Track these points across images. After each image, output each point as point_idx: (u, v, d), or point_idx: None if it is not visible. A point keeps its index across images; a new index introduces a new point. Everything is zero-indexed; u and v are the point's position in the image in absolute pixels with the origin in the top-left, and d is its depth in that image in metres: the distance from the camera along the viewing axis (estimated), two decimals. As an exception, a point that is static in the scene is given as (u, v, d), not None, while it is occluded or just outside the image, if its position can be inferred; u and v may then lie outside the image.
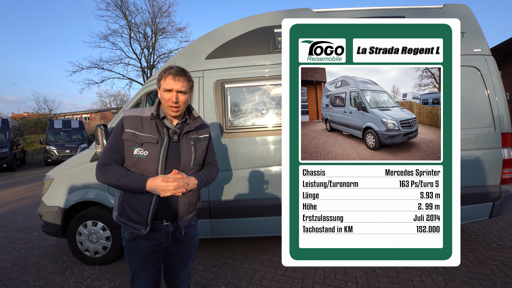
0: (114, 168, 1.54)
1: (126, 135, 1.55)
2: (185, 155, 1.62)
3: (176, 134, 1.61)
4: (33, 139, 21.95)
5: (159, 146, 1.56)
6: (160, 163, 1.55)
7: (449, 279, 2.80)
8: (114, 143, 1.57)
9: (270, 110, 3.24)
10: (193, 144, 1.67)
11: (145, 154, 1.53)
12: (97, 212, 3.30)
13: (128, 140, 1.54)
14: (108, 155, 1.57)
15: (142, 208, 1.55)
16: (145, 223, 1.56)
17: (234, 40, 3.26)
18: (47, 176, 3.50)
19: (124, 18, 23.17)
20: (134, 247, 1.61)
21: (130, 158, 1.56)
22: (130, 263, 1.65)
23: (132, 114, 1.60)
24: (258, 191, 3.16)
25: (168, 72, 1.55)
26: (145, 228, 1.56)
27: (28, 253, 3.86)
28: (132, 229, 1.57)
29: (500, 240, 3.67)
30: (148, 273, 1.63)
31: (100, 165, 1.56)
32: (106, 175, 1.53)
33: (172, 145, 1.60)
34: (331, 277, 2.95)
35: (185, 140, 1.64)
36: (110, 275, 3.15)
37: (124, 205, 1.59)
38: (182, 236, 1.71)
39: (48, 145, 14.21)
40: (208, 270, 3.19)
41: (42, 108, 32.08)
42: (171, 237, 1.67)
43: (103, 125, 3.02)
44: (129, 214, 1.57)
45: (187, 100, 1.62)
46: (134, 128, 1.56)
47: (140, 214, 1.55)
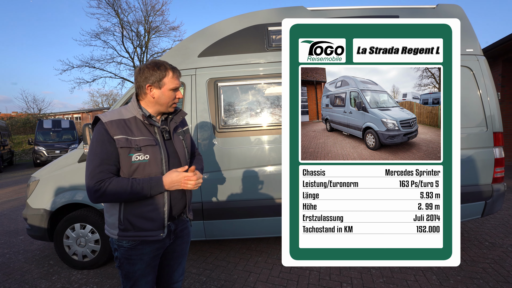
0: (118, 180, 1.38)
1: (120, 143, 1.40)
2: (181, 151, 1.60)
3: (167, 132, 1.58)
4: (21, 140, 21.33)
5: (158, 147, 1.49)
6: (164, 164, 1.49)
7: (443, 278, 2.82)
8: (106, 155, 1.39)
9: (264, 109, 3.19)
10: (183, 139, 1.66)
11: (146, 158, 1.44)
12: (85, 214, 3.20)
13: (124, 147, 1.40)
14: (102, 169, 1.37)
15: (156, 213, 1.48)
16: (161, 227, 1.51)
17: (228, 37, 3.21)
18: (32, 178, 3.37)
19: (116, 16, 22.65)
20: (137, 254, 1.50)
21: (128, 166, 1.42)
22: (130, 273, 1.51)
23: (112, 118, 1.44)
24: (253, 191, 3.12)
25: (172, 71, 1.50)
26: (163, 231, 1.51)
27: (12, 257, 3.72)
28: (147, 238, 1.48)
29: (491, 238, 3.73)
30: (149, 279, 1.56)
31: (96, 184, 1.36)
32: (110, 191, 1.36)
33: (167, 144, 1.57)
34: (326, 278, 2.93)
35: (176, 136, 1.62)
36: (99, 279, 3.05)
37: (130, 218, 1.46)
38: (180, 232, 1.68)
39: (37, 146, 13.83)
40: (201, 273, 3.13)
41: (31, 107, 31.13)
42: (172, 236, 1.63)
43: (91, 124, 2.92)
44: (139, 225, 1.46)
45: None
46: (123, 133, 1.41)
47: (155, 220, 1.48)
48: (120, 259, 1.52)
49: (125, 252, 1.50)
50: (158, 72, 1.46)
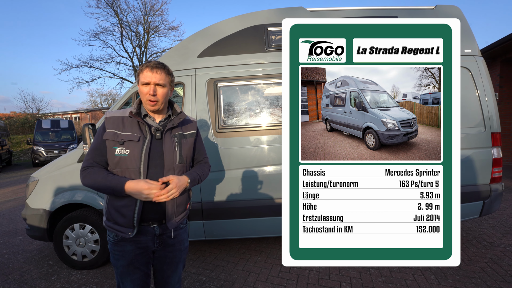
0: (96, 170, 1.51)
1: (107, 135, 1.51)
2: (168, 153, 1.57)
3: (158, 131, 1.57)
4: (20, 140, 21.20)
5: (140, 144, 1.52)
6: (143, 161, 1.50)
7: (442, 278, 2.83)
8: (96, 145, 1.54)
9: (264, 109, 3.20)
10: (178, 141, 1.61)
11: (126, 152, 1.49)
12: (85, 214, 3.19)
13: (109, 140, 1.51)
14: (90, 157, 1.53)
15: (127, 210, 1.50)
16: (131, 226, 1.51)
17: (227, 38, 3.21)
18: (32, 178, 3.36)
19: (115, 16, 22.55)
20: (119, 250, 1.56)
21: (112, 158, 1.52)
22: (115, 268, 1.59)
23: (113, 114, 1.58)
24: (252, 191, 3.12)
25: (146, 65, 1.52)
26: (132, 231, 1.52)
27: (11, 258, 3.70)
28: (119, 233, 1.52)
29: (489, 238, 3.75)
30: (134, 278, 1.57)
31: (82, 168, 1.53)
32: (87, 177, 1.50)
33: (155, 143, 1.56)
34: (325, 278, 2.94)
35: (168, 137, 1.60)
36: (99, 279, 3.05)
37: (110, 209, 1.55)
38: (170, 239, 1.65)
39: (35, 146, 13.72)
40: (200, 273, 3.13)
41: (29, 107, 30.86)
42: (157, 240, 1.61)
43: (91, 124, 2.92)
44: (115, 218, 1.53)
45: (166, 94, 1.57)
46: (115, 128, 1.53)
47: (126, 217, 1.50)
48: (109, 251, 1.62)
49: (111, 246, 1.59)
50: (139, 69, 1.56)
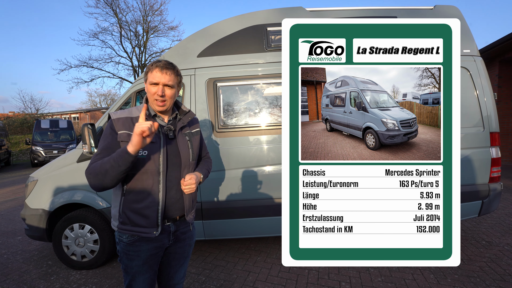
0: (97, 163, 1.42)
1: (121, 137, 1.47)
2: (184, 151, 1.60)
3: (171, 131, 1.58)
4: (18, 140, 21.13)
5: (158, 145, 1.51)
6: (162, 161, 1.51)
7: (441, 277, 2.84)
8: (108, 145, 1.47)
9: (263, 109, 3.20)
10: (189, 139, 1.65)
11: (144, 153, 1.47)
12: (84, 214, 3.18)
13: (124, 141, 1.45)
14: (101, 156, 1.44)
15: (150, 211, 1.50)
16: (155, 225, 1.52)
17: (227, 38, 3.21)
18: (31, 178, 3.35)
19: (114, 16, 22.56)
20: (135, 251, 1.54)
21: None
22: (128, 268, 1.56)
23: (121, 116, 1.53)
24: (252, 191, 3.12)
25: (156, 65, 1.50)
26: (157, 230, 1.52)
27: (10, 258, 3.70)
28: (141, 234, 1.51)
29: (488, 237, 3.76)
30: (146, 277, 1.57)
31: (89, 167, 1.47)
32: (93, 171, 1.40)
33: (169, 142, 1.57)
34: (325, 277, 2.94)
35: (181, 136, 1.62)
36: (98, 279, 3.05)
37: (127, 213, 1.52)
38: (182, 235, 1.68)
39: (34, 146, 13.63)
40: (200, 273, 3.13)
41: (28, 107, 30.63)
42: (172, 237, 1.63)
43: (90, 124, 2.91)
44: (135, 220, 1.51)
45: (174, 95, 1.56)
46: (127, 129, 1.49)
47: (149, 217, 1.50)
48: (120, 252, 1.58)
49: (124, 247, 1.55)
50: (146, 68, 1.54)
